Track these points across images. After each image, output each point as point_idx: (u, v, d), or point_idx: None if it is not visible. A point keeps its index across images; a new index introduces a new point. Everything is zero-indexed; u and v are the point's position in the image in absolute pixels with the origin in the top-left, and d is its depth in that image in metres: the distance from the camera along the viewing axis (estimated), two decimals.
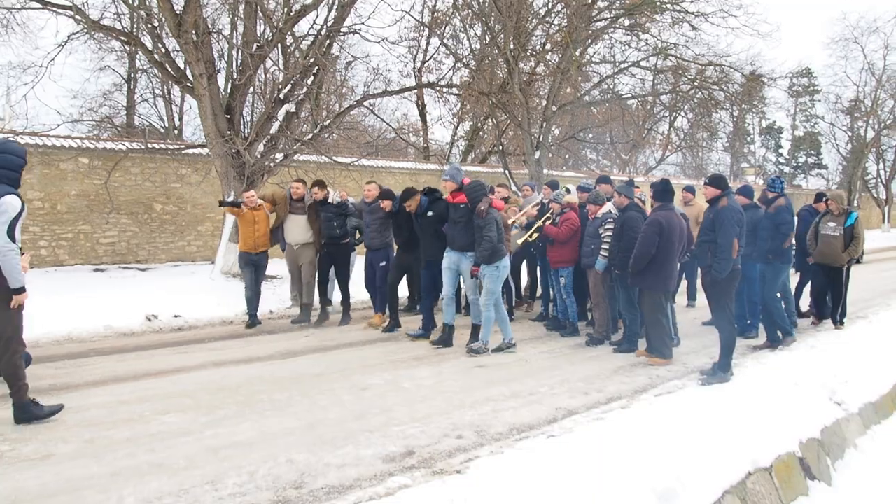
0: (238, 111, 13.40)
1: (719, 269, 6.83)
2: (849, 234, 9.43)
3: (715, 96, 21.13)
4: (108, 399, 6.21)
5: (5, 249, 5.15)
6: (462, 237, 8.31)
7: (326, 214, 10.00)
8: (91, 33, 14.11)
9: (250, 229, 10.02)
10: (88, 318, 9.55)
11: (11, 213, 5.16)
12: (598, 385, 6.82)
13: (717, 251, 6.85)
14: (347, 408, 5.95)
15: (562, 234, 9.12)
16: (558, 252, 9.28)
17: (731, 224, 6.85)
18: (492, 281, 8.10)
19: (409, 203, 9.13)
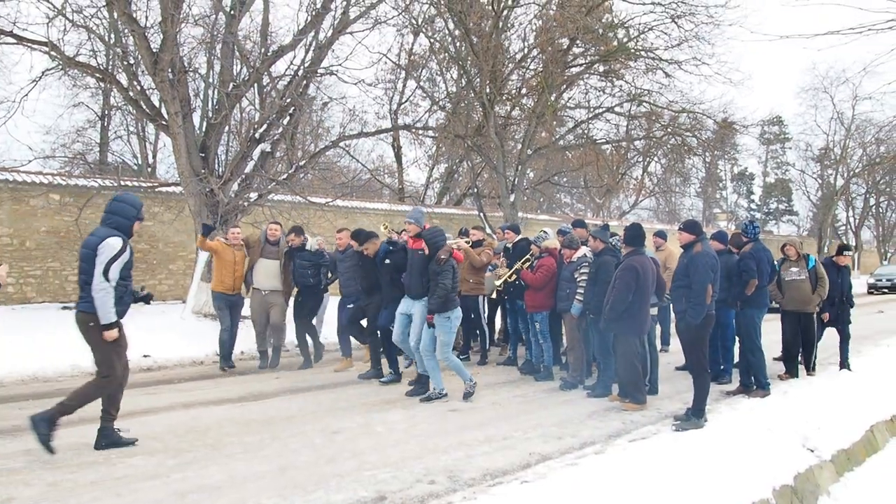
0: (213, 150, 13.39)
1: (693, 314, 6.85)
2: (814, 276, 9.47)
3: (688, 142, 21.46)
4: (74, 441, 6.03)
5: (98, 287, 5.50)
6: (418, 284, 8.10)
7: (301, 262, 9.83)
8: (66, 69, 14.08)
9: (230, 269, 9.77)
10: (55, 357, 9.34)
11: (109, 253, 5.54)
12: (572, 430, 6.76)
13: (691, 296, 6.86)
14: (319, 451, 5.84)
15: (537, 280, 9.07)
16: (534, 297, 9.22)
17: (705, 270, 6.88)
18: (444, 332, 7.83)
19: (366, 247, 9.07)
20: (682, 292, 6.99)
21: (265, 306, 9.87)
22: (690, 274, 6.92)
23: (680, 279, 7.06)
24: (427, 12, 18.33)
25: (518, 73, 19.99)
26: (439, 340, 7.85)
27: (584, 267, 8.56)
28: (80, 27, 12.76)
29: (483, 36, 17.55)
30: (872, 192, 46.28)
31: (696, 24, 18.03)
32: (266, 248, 9.89)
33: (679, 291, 7.04)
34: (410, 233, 8.31)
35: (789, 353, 9.72)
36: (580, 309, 8.54)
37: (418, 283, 8.08)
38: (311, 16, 13.21)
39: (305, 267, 9.82)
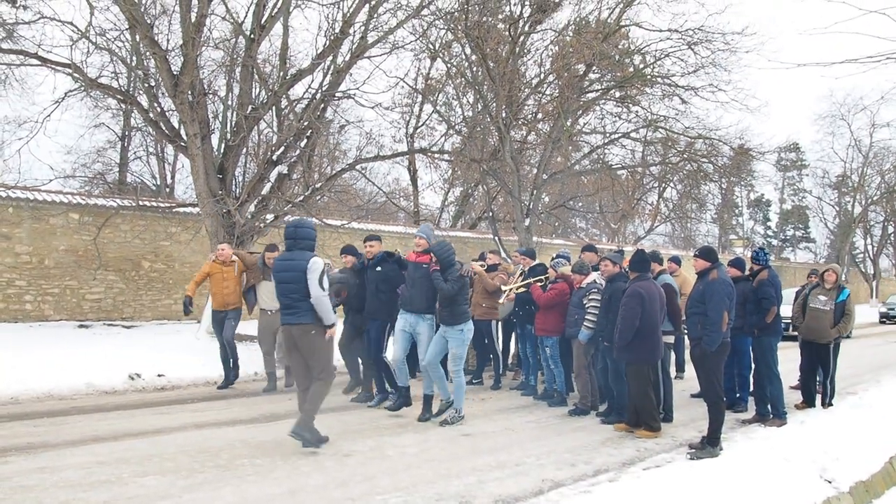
0: (230, 171, 13.51)
1: (709, 341, 6.82)
2: (840, 310, 9.20)
3: (704, 168, 21.38)
4: (87, 459, 6.05)
5: (319, 297, 6.51)
6: (421, 298, 7.87)
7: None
8: (88, 91, 14.29)
9: (220, 286, 9.80)
10: (70, 374, 9.38)
11: (318, 269, 6.57)
12: (586, 457, 6.70)
13: (707, 324, 6.84)
14: (330, 475, 5.81)
15: (545, 298, 9.06)
16: (544, 320, 9.19)
17: (721, 297, 6.85)
18: (457, 345, 7.79)
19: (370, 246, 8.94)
20: (698, 319, 6.96)
21: (272, 327, 9.71)
22: (706, 301, 6.89)
23: (695, 306, 7.04)
24: (444, 37, 18.46)
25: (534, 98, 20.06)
26: (451, 354, 7.83)
27: (594, 293, 8.51)
28: (103, 49, 13.00)
29: (500, 61, 17.64)
30: (891, 220, 45.92)
31: (713, 51, 18.01)
32: (267, 272, 9.65)
33: (695, 318, 7.01)
34: (419, 248, 8.12)
35: (806, 383, 9.61)
36: (588, 335, 8.48)
37: (422, 297, 7.87)
38: (330, 40, 13.35)
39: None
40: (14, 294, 14.44)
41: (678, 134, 20.45)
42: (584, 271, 8.82)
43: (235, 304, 9.90)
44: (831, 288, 9.36)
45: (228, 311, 9.84)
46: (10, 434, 6.95)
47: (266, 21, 13.05)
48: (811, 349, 9.46)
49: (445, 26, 17.15)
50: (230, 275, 9.85)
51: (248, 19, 13.26)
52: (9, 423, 7.47)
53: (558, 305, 9.03)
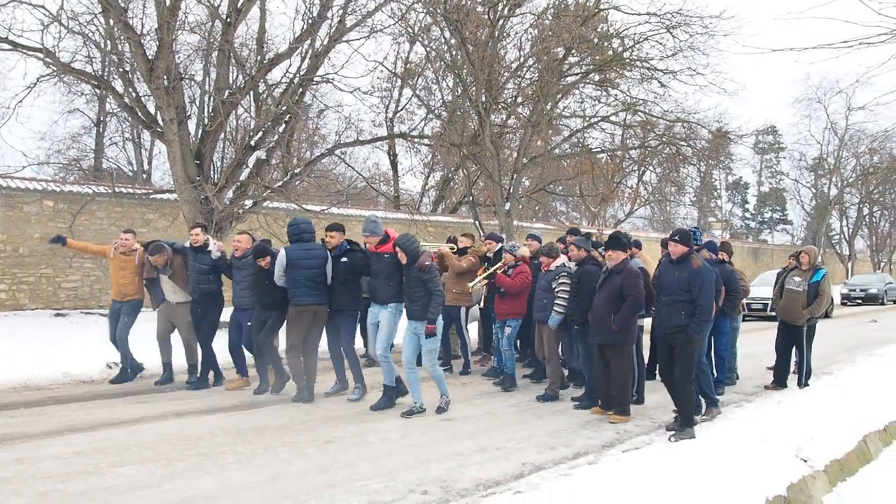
0: (208, 157, 13.39)
1: (698, 329, 6.77)
2: (813, 291, 9.26)
3: (683, 152, 21.47)
4: (64, 450, 6.01)
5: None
6: (386, 289, 7.75)
7: (201, 266, 8.90)
8: (61, 76, 14.07)
9: (117, 275, 9.29)
10: (47, 364, 9.33)
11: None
12: (566, 440, 6.74)
13: (699, 313, 6.74)
14: (311, 461, 5.81)
15: (515, 284, 8.98)
16: (508, 304, 9.12)
17: (711, 285, 6.81)
18: (431, 340, 7.54)
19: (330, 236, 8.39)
20: (681, 307, 6.82)
21: (170, 316, 9.19)
22: (695, 289, 6.76)
23: (678, 293, 6.84)
24: (423, 21, 18.36)
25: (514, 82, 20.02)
26: (425, 349, 7.62)
27: (563, 277, 8.41)
28: (76, 34, 12.79)
29: (479, 45, 17.57)
30: (866, 202, 46.44)
31: (691, 34, 18.10)
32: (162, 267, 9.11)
33: (677, 306, 6.84)
34: (372, 243, 7.95)
35: (779, 363, 9.70)
36: (559, 320, 8.39)
37: (386, 286, 7.75)
38: (308, 24, 13.23)
39: (206, 272, 8.93)
40: None
41: (657, 117, 20.52)
42: (553, 254, 8.71)
43: (133, 295, 9.28)
44: (807, 269, 9.45)
45: (124, 304, 9.25)
46: None
47: (242, 4, 12.91)
48: (786, 330, 9.57)
49: (424, 9, 17.05)
50: (130, 264, 9.27)
51: (225, 3, 13.12)
52: None
53: (526, 289, 9.01)
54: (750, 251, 44.52)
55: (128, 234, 9.50)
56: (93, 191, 15.70)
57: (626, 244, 7.71)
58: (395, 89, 25.17)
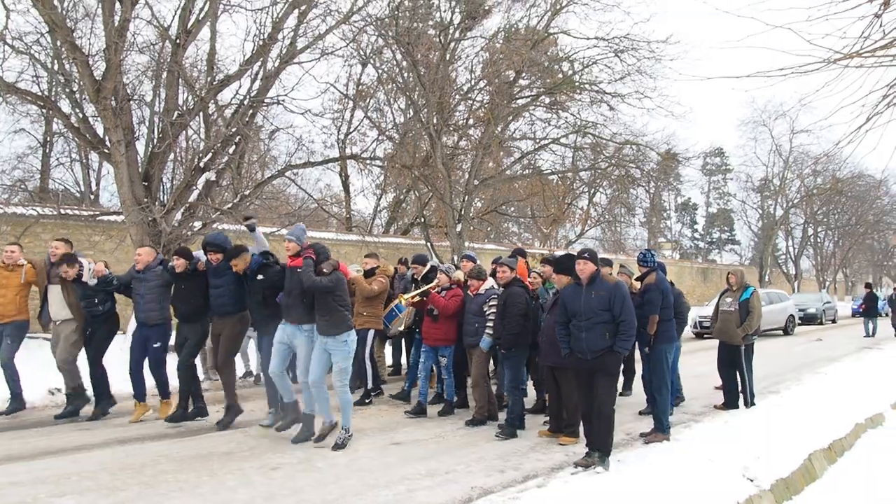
0: (157, 179, 13.21)
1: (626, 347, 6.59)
2: (744, 309, 9.50)
3: (632, 173, 21.89)
4: (2, 480, 5.84)
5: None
6: (297, 307, 7.20)
7: (85, 291, 8.39)
8: (5, 96, 13.77)
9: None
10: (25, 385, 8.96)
11: None
12: (515, 462, 6.77)
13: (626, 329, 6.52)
14: (257, 489, 5.74)
15: (450, 306, 8.68)
16: (440, 329, 8.78)
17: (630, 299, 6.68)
18: (342, 358, 7.11)
19: (236, 262, 7.80)
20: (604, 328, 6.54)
21: (56, 338, 8.59)
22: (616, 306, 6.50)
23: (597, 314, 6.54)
24: (375, 43, 18.47)
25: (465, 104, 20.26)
26: (337, 367, 7.12)
27: (493, 299, 8.25)
28: (22, 53, 12.54)
29: (430, 67, 17.75)
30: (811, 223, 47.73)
31: (639, 58, 18.54)
32: (52, 272, 8.56)
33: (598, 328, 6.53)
34: (290, 251, 7.39)
35: (726, 384, 9.84)
36: (490, 343, 8.18)
37: (299, 305, 7.19)
38: (258, 45, 13.19)
39: (91, 295, 8.37)
40: None
41: (606, 140, 20.90)
42: (483, 276, 8.54)
43: (14, 316, 8.56)
44: (736, 289, 9.78)
45: (5, 326, 8.51)
46: None
47: (192, 25, 12.81)
48: (724, 351, 9.78)
49: (376, 32, 17.15)
50: (12, 281, 8.58)
51: (175, 24, 13.01)
52: None
53: (457, 313, 8.73)
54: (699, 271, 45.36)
55: (13, 246, 8.82)
56: (38, 212, 15.33)
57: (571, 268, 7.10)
58: (347, 111, 25.21)
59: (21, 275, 8.64)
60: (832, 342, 21.15)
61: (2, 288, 8.54)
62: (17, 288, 8.62)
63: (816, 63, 5.07)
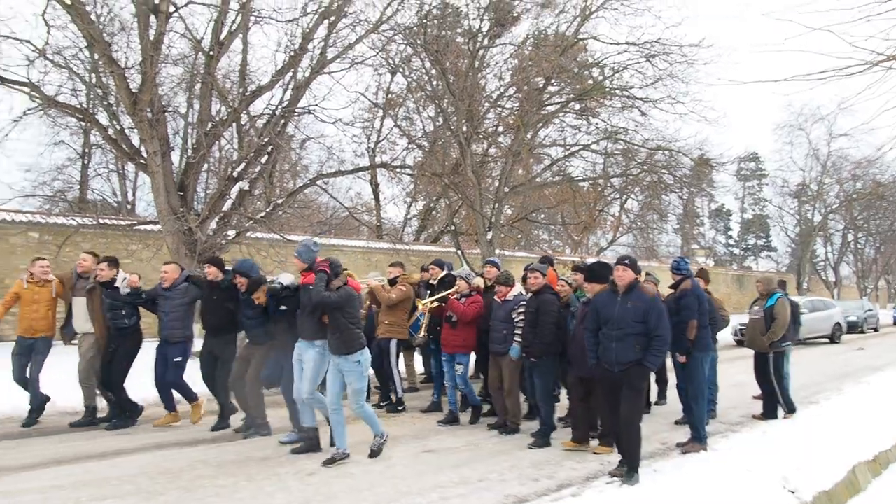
0: (191, 188, 13.42)
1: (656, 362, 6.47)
2: (769, 316, 9.34)
3: (664, 179, 21.67)
4: (44, 483, 5.99)
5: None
6: (310, 324, 6.97)
7: (113, 302, 8.37)
8: (46, 109, 14.10)
9: (28, 308, 8.52)
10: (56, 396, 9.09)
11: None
12: (549, 471, 6.74)
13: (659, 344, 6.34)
14: (293, 494, 5.80)
15: (469, 312, 8.56)
16: (458, 335, 8.64)
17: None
18: (356, 378, 6.83)
19: (257, 295, 7.74)
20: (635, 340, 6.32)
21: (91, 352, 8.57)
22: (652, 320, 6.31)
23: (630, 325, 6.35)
24: (404, 52, 18.57)
25: (494, 111, 20.25)
26: (351, 389, 6.86)
27: (522, 306, 8.06)
28: (61, 68, 12.84)
29: (459, 75, 17.80)
30: (850, 228, 46.70)
31: (671, 62, 18.40)
32: (78, 284, 8.61)
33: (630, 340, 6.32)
34: (299, 268, 7.28)
35: (765, 393, 9.68)
36: (519, 351, 7.97)
37: (310, 320, 6.96)
38: (290, 56, 13.37)
39: (118, 306, 8.37)
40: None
41: (638, 146, 20.75)
42: (510, 283, 8.34)
43: (45, 331, 8.61)
44: (763, 296, 9.63)
45: (37, 340, 8.54)
46: None
47: (225, 38, 13.03)
48: (756, 359, 9.67)
49: (405, 41, 17.25)
50: (44, 296, 8.60)
51: (207, 36, 13.23)
52: None
53: (478, 319, 8.64)
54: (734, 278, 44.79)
55: (42, 261, 8.79)
56: (77, 222, 15.68)
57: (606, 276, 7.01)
58: (377, 119, 25.36)
59: (52, 289, 8.68)
60: (874, 351, 20.68)
61: (34, 303, 8.54)
62: (49, 302, 8.65)
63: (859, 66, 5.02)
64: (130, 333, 8.51)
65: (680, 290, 8.07)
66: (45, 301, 8.59)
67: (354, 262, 20.78)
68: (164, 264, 8.75)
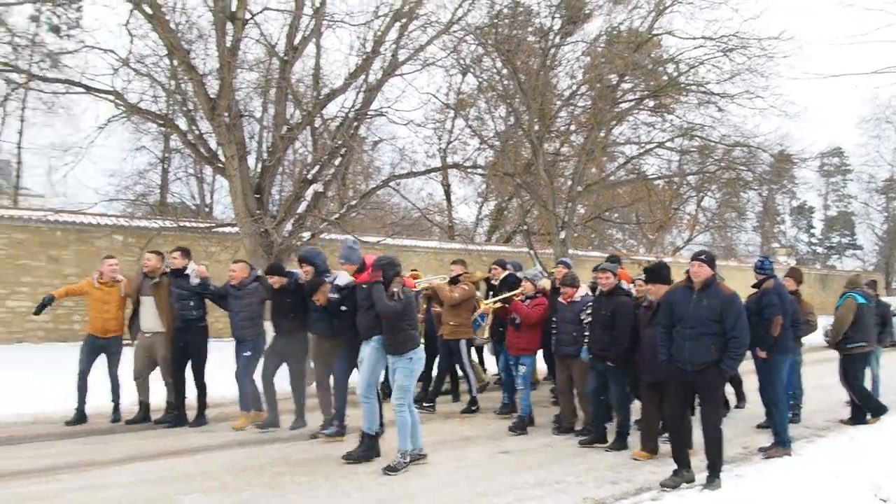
0: (267, 191, 13.68)
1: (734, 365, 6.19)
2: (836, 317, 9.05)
3: (743, 176, 21.10)
4: (132, 478, 6.18)
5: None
6: (366, 322, 6.95)
7: (181, 291, 8.42)
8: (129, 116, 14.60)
9: (99, 308, 8.61)
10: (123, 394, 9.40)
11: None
12: (627, 474, 6.59)
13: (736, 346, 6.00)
14: (370, 492, 5.84)
15: (532, 315, 8.37)
16: (522, 337, 8.47)
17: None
18: (405, 376, 6.72)
19: (317, 297, 7.79)
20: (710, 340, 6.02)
21: (148, 350, 8.64)
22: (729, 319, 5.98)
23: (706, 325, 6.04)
24: (475, 52, 18.54)
25: (567, 109, 20.01)
26: (397, 384, 6.73)
27: (589, 307, 7.92)
28: (143, 75, 13.29)
29: (531, 74, 17.65)
30: None
31: (749, 56, 17.83)
32: (144, 283, 8.62)
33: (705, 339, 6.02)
34: (349, 271, 7.35)
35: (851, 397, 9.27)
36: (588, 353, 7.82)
37: (365, 318, 6.96)
38: (362, 59, 13.51)
39: (186, 297, 8.42)
40: (63, 314, 14.77)
41: (715, 142, 20.22)
42: (577, 283, 8.21)
43: (116, 331, 8.73)
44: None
45: (110, 340, 8.68)
46: (61, 452, 7.16)
47: (299, 43, 13.26)
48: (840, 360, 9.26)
49: (476, 41, 17.21)
50: (114, 296, 8.68)
51: (282, 41, 13.49)
52: (60, 441, 7.69)
53: (541, 322, 8.47)
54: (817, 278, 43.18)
55: (111, 259, 8.90)
56: (159, 225, 16.17)
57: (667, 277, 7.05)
58: (448, 120, 25.37)
59: (121, 289, 8.76)
60: None
61: (105, 304, 8.63)
62: (118, 302, 8.73)
63: None
64: (197, 327, 8.57)
65: (761, 289, 7.82)
66: (116, 301, 8.69)
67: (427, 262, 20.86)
68: (233, 263, 8.80)
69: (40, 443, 7.63)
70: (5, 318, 14.91)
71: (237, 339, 8.47)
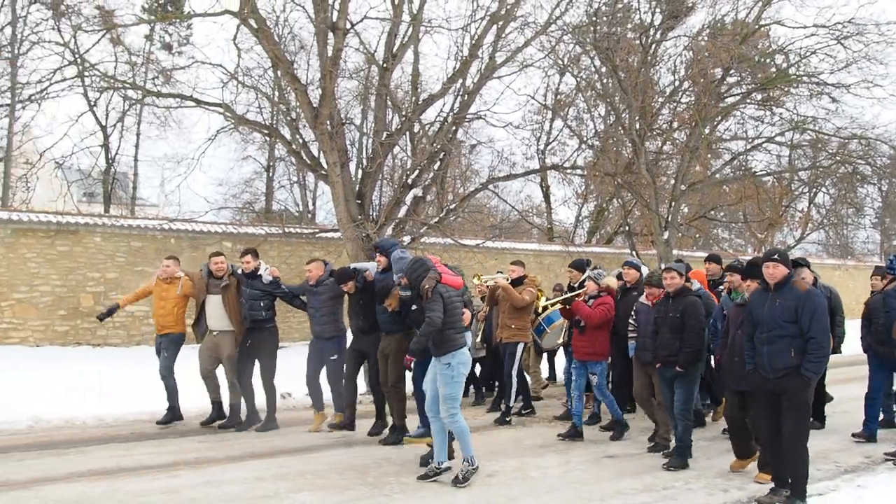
0: (368, 196, 13.91)
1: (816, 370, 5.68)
2: None
3: (860, 170, 20.09)
4: (247, 475, 6.39)
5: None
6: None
7: (253, 292, 8.45)
8: (237, 127, 15.17)
9: (157, 306, 8.80)
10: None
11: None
12: (739, 482, 6.33)
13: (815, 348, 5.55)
14: (474, 496, 5.84)
15: (595, 315, 7.86)
16: (587, 341, 8.00)
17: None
18: (446, 384, 6.27)
19: (389, 301, 7.51)
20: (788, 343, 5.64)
21: (213, 349, 8.65)
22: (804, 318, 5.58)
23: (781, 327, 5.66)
24: (572, 51, 18.34)
25: (669, 106, 19.55)
26: (442, 395, 6.29)
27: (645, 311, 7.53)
28: (249, 87, 13.79)
29: (631, 71, 17.31)
30: None
31: (866, 44, 16.95)
32: (212, 282, 8.62)
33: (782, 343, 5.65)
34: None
35: None
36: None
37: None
38: (460, 63, 13.57)
39: (258, 297, 8.44)
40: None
41: (829, 135, 19.34)
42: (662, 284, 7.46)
43: (172, 328, 8.73)
44: None
45: (163, 338, 8.77)
46: (180, 449, 7.48)
47: (397, 49, 13.43)
48: None
49: (573, 40, 17.02)
50: (169, 294, 8.75)
51: (380, 49, 13.71)
52: (178, 439, 8.05)
53: (607, 324, 8.03)
54: None
55: (170, 259, 9.07)
56: (265, 231, 16.73)
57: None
58: (546, 121, 25.19)
59: (178, 287, 8.79)
60: None
61: (161, 300, 8.74)
62: (175, 300, 8.75)
63: None
64: (267, 328, 8.58)
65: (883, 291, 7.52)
66: (171, 298, 8.73)
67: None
68: (308, 262, 8.70)
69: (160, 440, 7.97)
70: (126, 321, 15.74)
71: (317, 335, 8.42)
